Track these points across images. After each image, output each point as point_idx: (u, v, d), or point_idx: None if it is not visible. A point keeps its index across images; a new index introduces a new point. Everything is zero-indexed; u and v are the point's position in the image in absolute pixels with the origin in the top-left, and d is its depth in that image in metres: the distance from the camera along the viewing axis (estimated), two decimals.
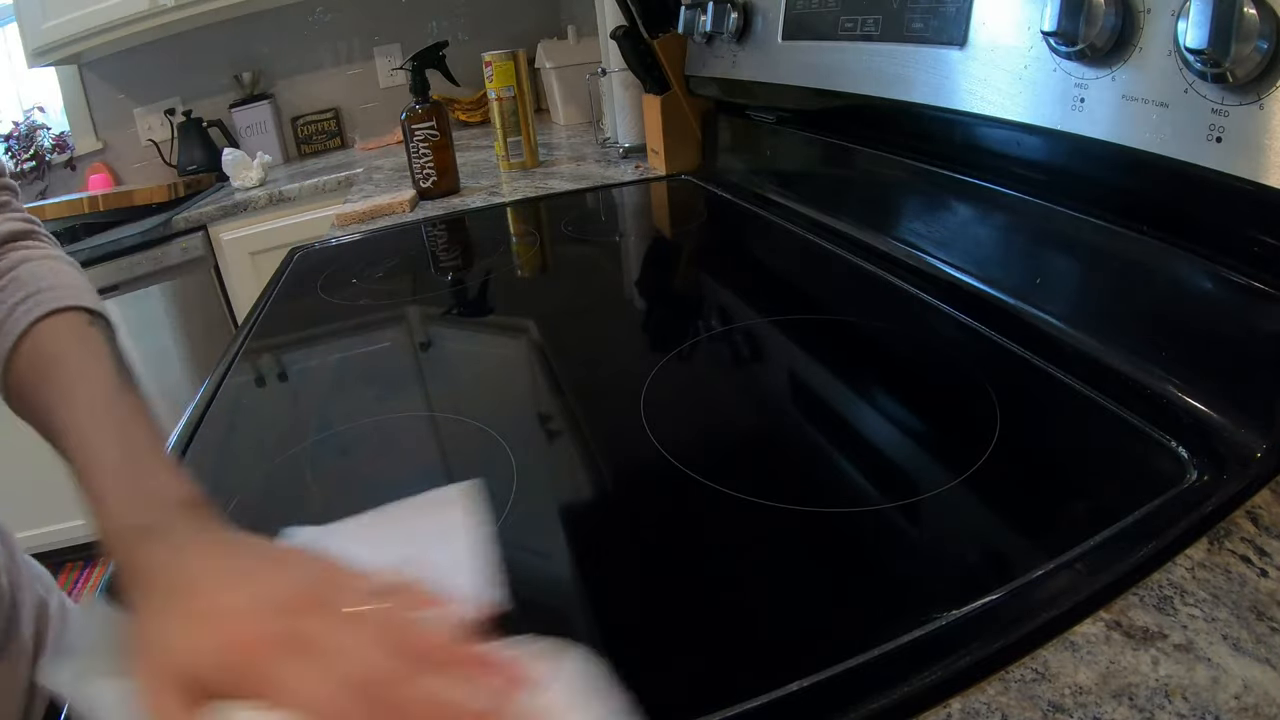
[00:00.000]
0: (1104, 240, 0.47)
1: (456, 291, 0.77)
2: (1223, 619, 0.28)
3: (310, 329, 0.73)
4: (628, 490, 0.43)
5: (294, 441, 0.52)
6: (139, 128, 2.10)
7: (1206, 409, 0.40)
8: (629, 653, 0.31)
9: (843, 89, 0.68)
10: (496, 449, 0.47)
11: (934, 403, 0.47)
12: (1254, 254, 0.39)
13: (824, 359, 0.54)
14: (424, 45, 1.18)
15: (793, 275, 0.72)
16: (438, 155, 1.16)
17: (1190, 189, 0.40)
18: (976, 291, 0.57)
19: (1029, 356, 0.49)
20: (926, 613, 0.30)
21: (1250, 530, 0.33)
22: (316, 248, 0.99)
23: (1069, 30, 0.42)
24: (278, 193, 1.73)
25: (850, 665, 0.28)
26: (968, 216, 0.59)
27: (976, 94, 0.53)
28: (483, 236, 0.95)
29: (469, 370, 0.62)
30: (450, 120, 1.22)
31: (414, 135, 1.14)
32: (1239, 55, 0.34)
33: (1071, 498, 0.37)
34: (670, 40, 1.02)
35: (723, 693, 0.28)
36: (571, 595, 0.35)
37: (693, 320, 0.64)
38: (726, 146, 1.04)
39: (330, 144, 2.23)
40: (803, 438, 0.45)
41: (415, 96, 1.14)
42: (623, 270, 0.82)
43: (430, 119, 1.13)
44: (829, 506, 0.38)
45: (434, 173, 1.16)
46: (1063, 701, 0.26)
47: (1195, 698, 0.26)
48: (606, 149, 1.38)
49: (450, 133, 1.17)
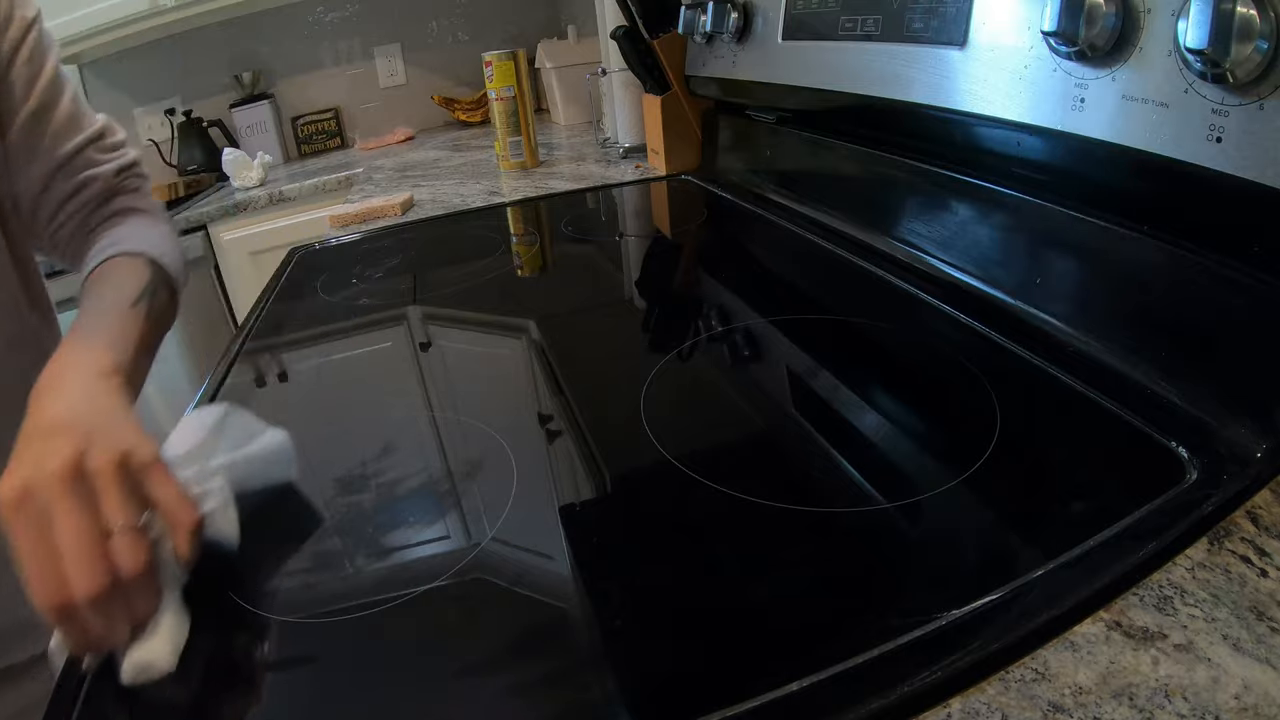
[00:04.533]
0: (1104, 240, 0.47)
1: (456, 291, 0.77)
2: (1223, 619, 0.28)
3: (310, 329, 0.73)
4: (628, 490, 0.43)
5: (294, 441, 0.52)
6: (139, 128, 2.10)
7: (1206, 409, 0.40)
8: (629, 653, 0.31)
9: (843, 89, 0.68)
10: (496, 449, 0.47)
11: (934, 403, 0.47)
12: (1254, 254, 0.39)
13: (824, 359, 0.54)
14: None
15: (793, 275, 0.72)
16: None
17: (1190, 189, 0.40)
18: (976, 291, 0.57)
19: (1029, 356, 0.49)
20: (926, 613, 0.30)
21: (1250, 530, 0.33)
22: (316, 248, 0.99)
23: (1069, 30, 0.42)
24: (278, 193, 1.72)
25: (850, 665, 0.28)
26: (968, 216, 0.59)
27: (976, 94, 0.53)
28: (482, 236, 0.95)
29: (469, 370, 0.62)
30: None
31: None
32: (1239, 55, 0.34)
33: (1071, 498, 0.37)
34: (670, 40, 1.02)
35: (723, 693, 0.28)
36: (571, 595, 0.35)
37: (693, 320, 0.64)
38: (726, 146, 1.04)
39: (330, 144, 2.23)
40: (803, 438, 0.45)
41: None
42: (623, 270, 0.82)
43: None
44: (829, 506, 0.38)
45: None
46: (1063, 701, 0.26)
47: (1195, 698, 0.26)
48: (606, 149, 1.38)
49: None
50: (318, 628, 0.35)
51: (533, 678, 0.31)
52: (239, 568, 0.39)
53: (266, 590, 0.38)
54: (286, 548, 0.41)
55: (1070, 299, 0.50)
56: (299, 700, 0.32)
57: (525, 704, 0.30)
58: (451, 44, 2.25)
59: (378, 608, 0.35)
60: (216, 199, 1.75)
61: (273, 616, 0.36)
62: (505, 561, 0.38)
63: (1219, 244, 0.40)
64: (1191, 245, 0.42)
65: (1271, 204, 0.36)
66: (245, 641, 0.35)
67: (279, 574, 0.39)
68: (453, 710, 0.30)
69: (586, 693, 0.30)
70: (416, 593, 0.36)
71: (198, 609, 0.36)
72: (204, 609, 0.36)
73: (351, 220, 1.09)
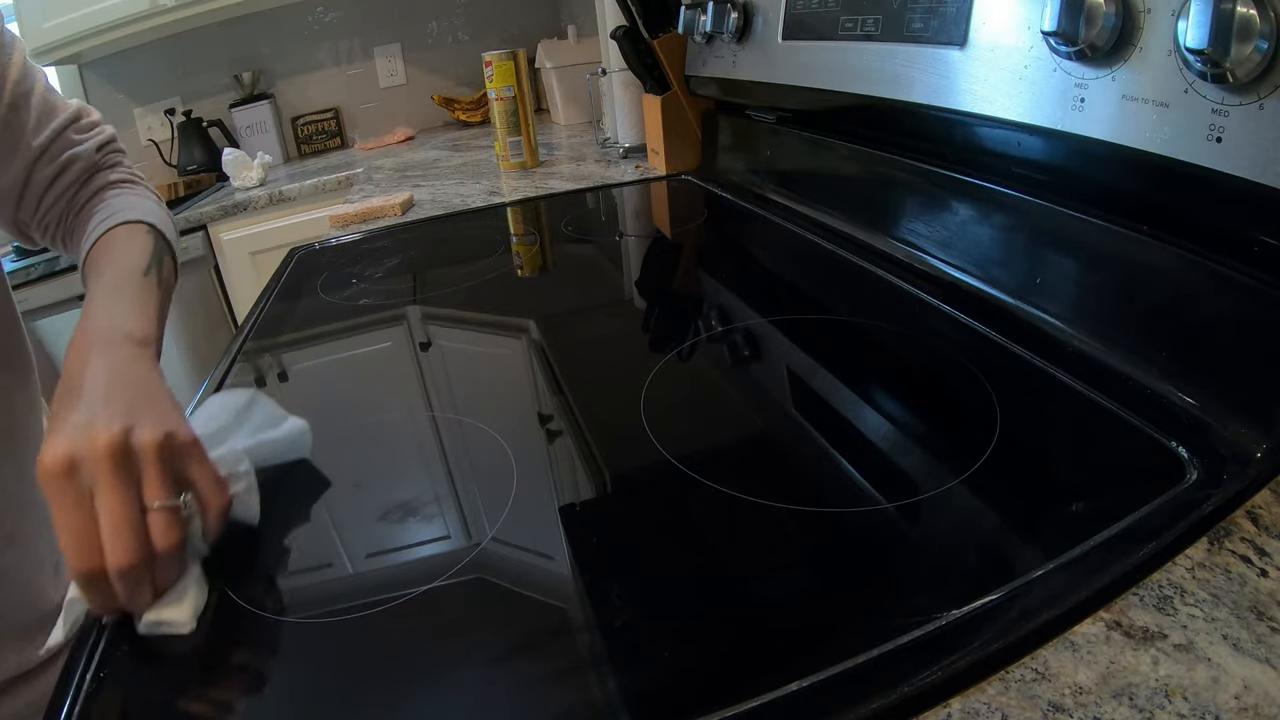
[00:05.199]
0: (1104, 240, 0.47)
1: (456, 291, 0.77)
2: (1223, 619, 0.28)
3: (310, 329, 0.73)
4: (628, 490, 0.43)
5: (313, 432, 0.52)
6: (139, 128, 2.10)
7: (1206, 409, 0.40)
8: (629, 653, 0.31)
9: (843, 89, 0.68)
10: (496, 449, 0.47)
11: (934, 402, 0.47)
12: (1254, 254, 0.39)
13: (824, 359, 0.54)
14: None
15: (793, 275, 0.72)
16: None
17: (1190, 189, 0.40)
18: (977, 291, 0.57)
19: (1029, 356, 0.49)
20: (926, 613, 0.30)
21: (1250, 530, 0.33)
22: (316, 248, 0.99)
23: (1069, 30, 0.42)
24: (278, 193, 1.73)
25: (850, 665, 0.28)
26: (968, 216, 0.59)
27: (976, 94, 0.53)
28: (482, 236, 0.95)
29: (469, 370, 0.62)
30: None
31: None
32: (1239, 55, 0.34)
33: (1071, 498, 0.37)
34: (670, 40, 1.02)
35: (723, 693, 0.28)
36: (571, 595, 0.35)
37: (693, 320, 0.64)
38: (726, 146, 1.04)
39: (330, 144, 2.23)
40: (803, 437, 0.45)
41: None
42: (623, 270, 0.82)
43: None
44: (829, 506, 0.38)
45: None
46: (1063, 701, 0.26)
47: (1195, 698, 0.26)
48: (606, 149, 1.38)
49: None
50: (318, 628, 0.35)
51: (533, 678, 0.31)
52: (249, 554, 0.40)
53: (266, 590, 0.38)
54: (290, 538, 0.41)
55: (1070, 299, 0.50)
56: (299, 700, 0.32)
57: (525, 704, 0.30)
58: (451, 44, 2.25)
59: (378, 608, 0.35)
60: (216, 199, 1.75)
61: (273, 616, 0.36)
62: (505, 561, 0.38)
63: (1219, 244, 0.40)
64: (1191, 245, 0.42)
65: (1271, 204, 0.36)
66: (245, 641, 0.35)
67: (279, 574, 0.39)
68: (453, 710, 0.30)
69: (586, 693, 0.30)
70: (416, 593, 0.36)
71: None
72: (204, 610, 0.36)
73: (351, 220, 1.09)
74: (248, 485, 0.40)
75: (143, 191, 0.65)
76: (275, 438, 0.45)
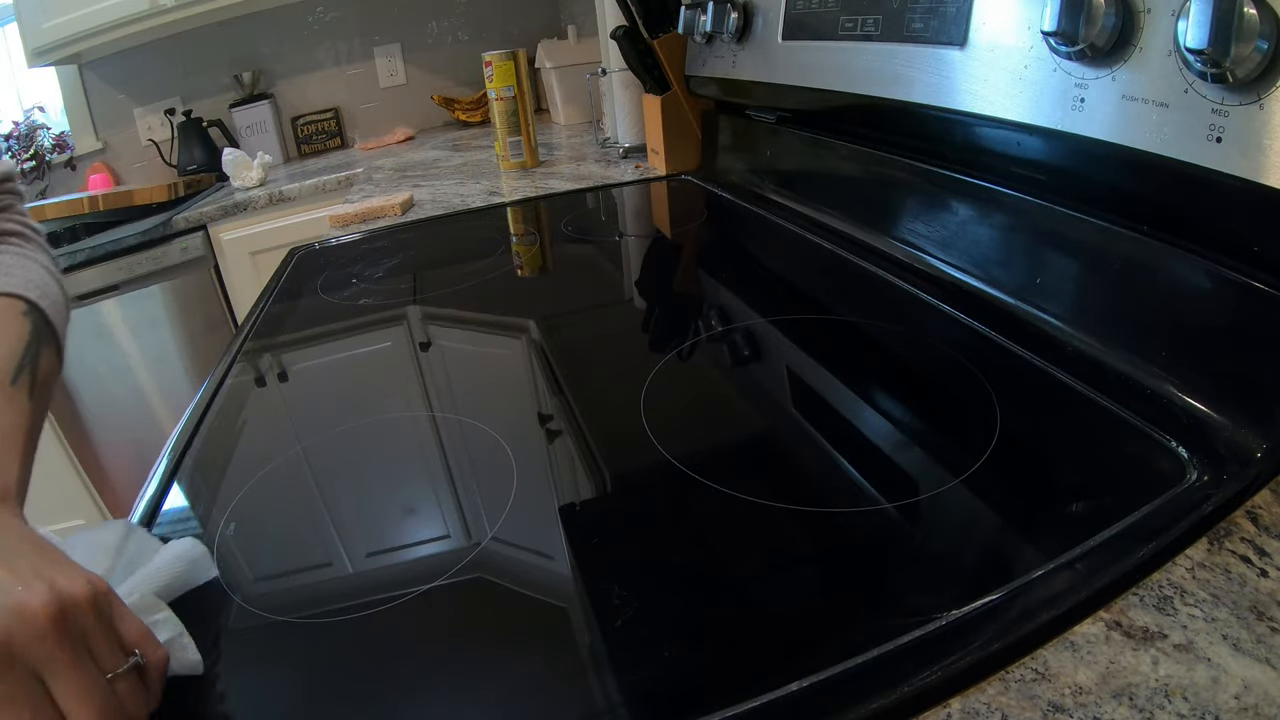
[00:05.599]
0: (1104, 240, 0.47)
1: (456, 291, 0.77)
2: (1223, 619, 0.28)
3: (310, 329, 0.73)
4: (627, 490, 0.43)
5: (294, 441, 0.52)
6: (139, 128, 2.10)
7: (1206, 409, 0.40)
8: (629, 653, 0.31)
9: (843, 89, 0.68)
10: (496, 449, 0.47)
11: (934, 403, 0.47)
12: (1254, 254, 0.39)
13: (824, 359, 0.54)
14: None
15: (793, 275, 0.72)
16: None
17: (1190, 189, 0.40)
18: (977, 291, 0.57)
19: (1029, 356, 0.49)
20: (926, 613, 0.30)
21: (1250, 530, 0.33)
22: (316, 248, 0.99)
23: (1069, 30, 0.42)
24: (278, 193, 1.72)
25: (850, 665, 0.28)
26: (968, 216, 0.59)
27: (976, 94, 0.53)
28: (482, 236, 0.95)
29: (469, 370, 0.62)
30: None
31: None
32: (1239, 55, 0.34)
33: (1071, 498, 0.37)
34: (670, 40, 1.02)
35: (723, 693, 0.28)
36: (571, 595, 0.35)
37: (693, 320, 0.64)
38: (726, 146, 1.04)
39: (330, 144, 2.23)
40: (802, 437, 0.45)
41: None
42: (623, 270, 0.82)
43: None
44: (829, 506, 0.38)
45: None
46: (1063, 701, 0.26)
47: (1195, 698, 0.26)
48: (606, 149, 1.38)
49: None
50: (317, 628, 0.35)
51: (533, 678, 0.31)
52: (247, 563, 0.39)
53: (266, 590, 0.38)
54: (289, 538, 0.41)
55: (1070, 299, 0.50)
56: (299, 700, 0.32)
57: (525, 704, 0.30)
58: (451, 44, 2.25)
59: (377, 608, 0.35)
60: (216, 199, 1.75)
61: (272, 616, 0.36)
62: (505, 561, 0.38)
63: (1219, 244, 0.40)
64: (1191, 245, 0.42)
65: (1271, 204, 0.36)
66: (245, 641, 0.35)
67: (279, 574, 0.39)
68: (453, 710, 0.30)
69: (586, 693, 0.30)
70: (416, 593, 0.36)
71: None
72: (204, 609, 0.36)
73: (351, 220, 1.09)
74: (175, 631, 0.34)
75: (32, 249, 0.51)
76: (176, 569, 0.38)
